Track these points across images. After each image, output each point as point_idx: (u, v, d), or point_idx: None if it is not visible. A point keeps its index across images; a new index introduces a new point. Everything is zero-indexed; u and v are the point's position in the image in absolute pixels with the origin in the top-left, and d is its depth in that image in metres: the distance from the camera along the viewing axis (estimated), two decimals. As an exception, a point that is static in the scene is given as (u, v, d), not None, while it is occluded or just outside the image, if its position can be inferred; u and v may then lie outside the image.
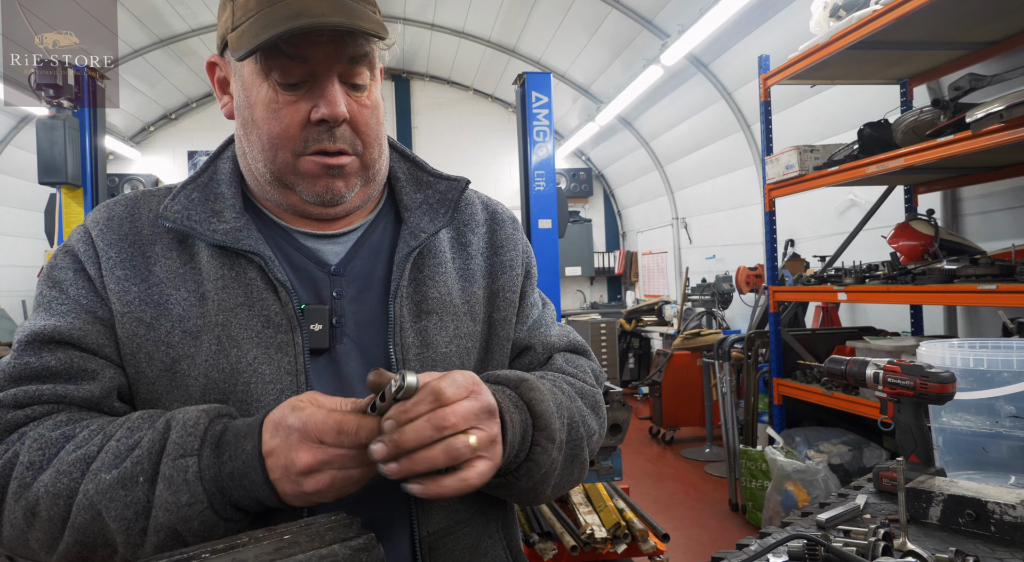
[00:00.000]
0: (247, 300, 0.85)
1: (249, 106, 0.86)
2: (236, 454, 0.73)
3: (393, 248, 0.95)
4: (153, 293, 0.85)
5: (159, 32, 7.51)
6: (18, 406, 0.79)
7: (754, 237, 6.44)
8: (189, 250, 0.88)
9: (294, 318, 0.85)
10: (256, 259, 0.86)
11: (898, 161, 2.88)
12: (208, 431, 0.75)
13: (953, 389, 1.18)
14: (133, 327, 0.84)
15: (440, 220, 0.96)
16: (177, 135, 9.49)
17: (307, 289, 0.89)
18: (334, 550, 0.67)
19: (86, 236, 0.88)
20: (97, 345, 0.83)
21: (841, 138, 4.36)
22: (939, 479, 1.16)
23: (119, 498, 0.72)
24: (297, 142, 0.84)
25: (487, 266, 1.01)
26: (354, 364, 0.88)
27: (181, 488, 0.71)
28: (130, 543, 0.72)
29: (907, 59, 3.63)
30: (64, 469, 0.74)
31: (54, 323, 0.82)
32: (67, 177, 4.13)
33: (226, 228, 0.86)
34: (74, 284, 0.86)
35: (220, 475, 0.73)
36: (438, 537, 0.87)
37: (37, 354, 0.81)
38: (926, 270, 2.96)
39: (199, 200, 0.89)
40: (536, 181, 4.46)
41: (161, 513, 0.71)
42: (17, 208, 7.86)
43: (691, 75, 6.58)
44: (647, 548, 2.74)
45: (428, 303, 0.92)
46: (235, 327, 0.84)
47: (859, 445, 3.70)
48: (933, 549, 0.97)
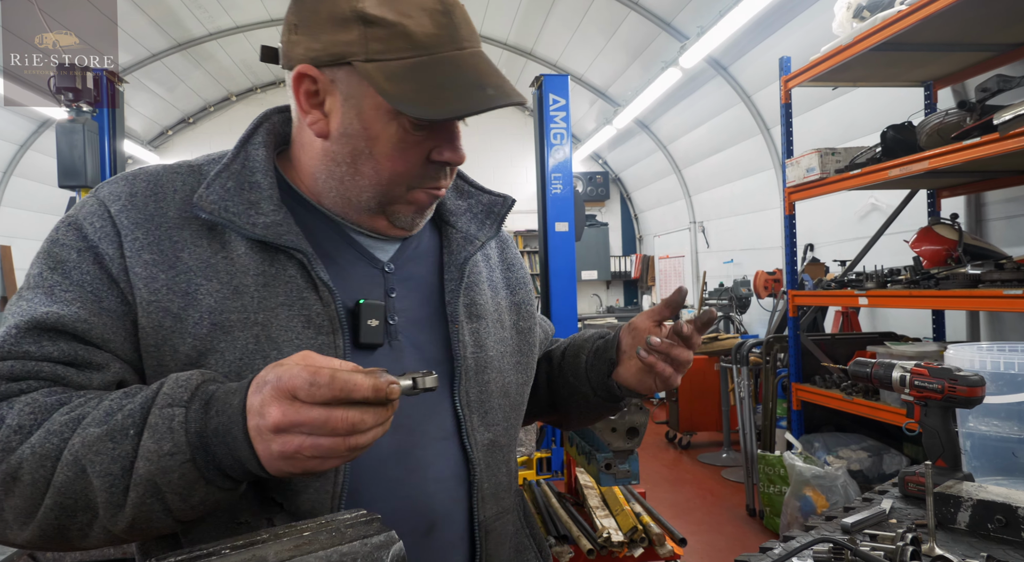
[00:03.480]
0: (287, 299, 0.82)
1: (368, 139, 0.83)
2: (222, 409, 0.68)
3: (437, 251, 0.98)
4: (180, 281, 0.79)
5: (177, 36, 7.59)
6: (13, 379, 0.73)
7: (772, 241, 6.38)
8: (220, 239, 0.83)
9: (336, 319, 0.83)
10: (298, 256, 0.82)
11: (922, 164, 2.84)
12: (200, 388, 0.71)
13: (982, 393, 1.16)
14: (159, 317, 0.78)
15: (488, 231, 1.01)
16: (195, 139, 9.58)
17: (360, 285, 0.89)
18: (354, 547, 0.66)
19: (102, 210, 0.81)
20: (102, 339, 0.77)
21: (863, 142, 4.31)
22: (967, 484, 1.14)
23: (106, 451, 0.67)
24: (414, 178, 0.86)
25: (504, 279, 1.06)
26: (409, 361, 0.89)
27: (164, 436, 0.67)
28: (111, 503, 0.67)
29: (932, 61, 3.58)
30: (55, 429, 0.69)
31: (57, 311, 0.75)
32: (87, 181, 4.18)
33: (266, 222, 0.82)
34: (78, 266, 0.78)
35: (205, 429, 0.68)
36: (491, 522, 0.93)
37: (37, 342, 0.75)
38: (950, 275, 2.91)
39: (234, 190, 0.84)
40: (553, 184, 4.45)
41: (142, 463, 0.66)
42: (38, 212, 7.97)
43: (710, 78, 6.54)
44: (664, 552, 2.71)
45: (476, 308, 0.96)
46: (275, 328, 0.80)
47: (879, 451, 3.65)
48: (962, 555, 0.95)
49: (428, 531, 0.87)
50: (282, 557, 0.64)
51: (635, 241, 10.70)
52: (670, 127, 8.06)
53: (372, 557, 0.67)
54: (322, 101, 0.84)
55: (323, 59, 0.81)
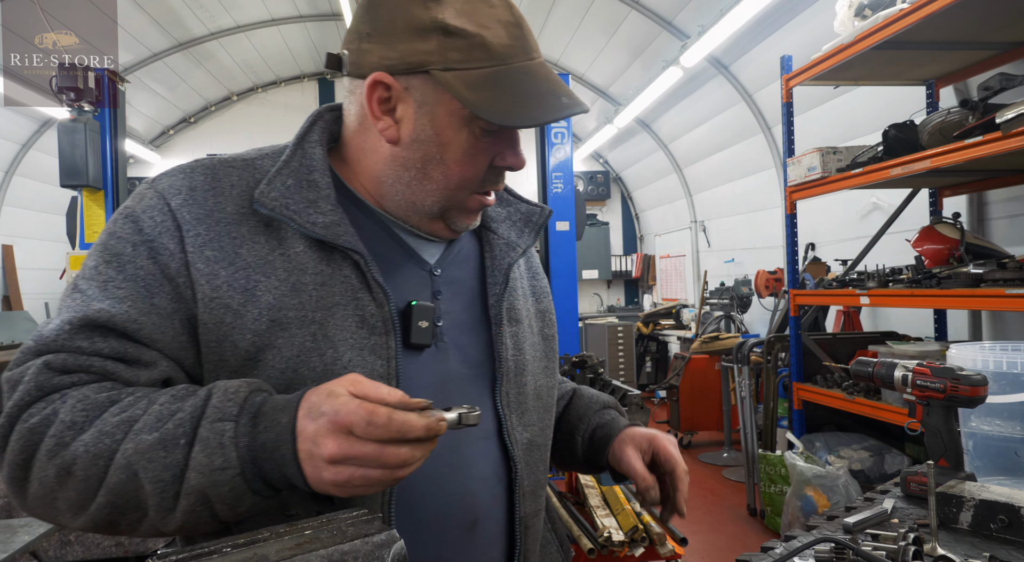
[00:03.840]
0: (343, 299, 0.83)
1: (440, 145, 0.85)
2: (271, 426, 0.71)
3: (478, 256, 1.01)
4: (240, 278, 0.80)
5: (178, 35, 7.59)
6: (66, 371, 0.75)
7: (773, 240, 6.37)
8: (277, 235, 0.83)
9: (389, 320, 0.85)
10: (354, 256, 0.84)
11: (924, 163, 2.83)
12: (248, 400, 0.72)
13: (985, 392, 1.15)
14: (220, 313, 0.79)
15: (527, 239, 1.03)
16: (196, 138, 9.58)
17: (409, 286, 0.91)
18: (355, 546, 0.66)
19: (162, 204, 0.81)
20: (150, 338, 0.78)
21: (864, 141, 4.30)
22: (970, 484, 1.13)
23: (158, 459, 0.70)
24: (477, 183, 0.89)
25: (531, 288, 1.09)
26: (453, 362, 0.92)
27: (215, 451, 0.69)
28: (162, 507, 0.70)
29: (934, 59, 3.58)
30: (107, 430, 0.71)
31: (108, 309, 0.77)
32: (88, 180, 4.19)
33: (324, 221, 0.83)
34: (133, 260, 0.79)
35: (254, 444, 0.70)
36: (529, 519, 0.96)
37: (88, 338, 0.76)
38: (952, 274, 2.91)
39: (295, 187, 0.85)
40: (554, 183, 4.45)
41: (194, 475, 0.69)
42: (40, 211, 7.97)
43: (711, 77, 6.53)
44: (665, 552, 2.71)
45: (515, 312, 1.00)
46: (331, 327, 0.82)
47: (880, 451, 3.65)
48: (965, 554, 0.94)
49: (471, 527, 0.89)
50: (283, 555, 0.64)
51: (636, 240, 10.69)
52: (671, 126, 8.05)
53: (373, 556, 0.67)
54: (393, 108, 0.85)
55: (399, 67, 0.83)
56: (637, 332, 8.40)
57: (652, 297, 10.10)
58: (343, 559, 0.65)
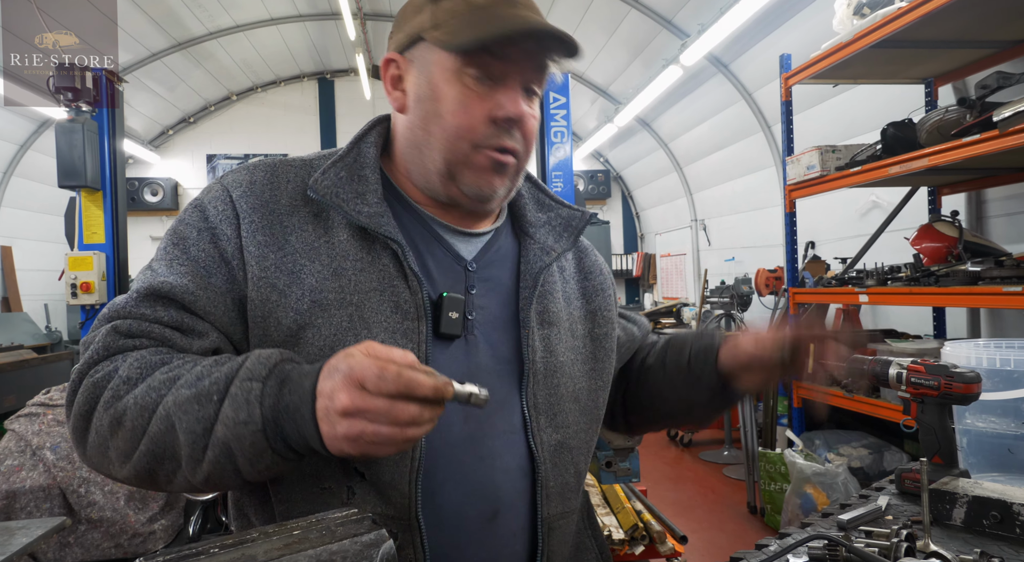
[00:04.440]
0: (380, 285, 0.89)
1: (435, 100, 0.91)
2: (295, 389, 0.76)
3: (515, 257, 1.03)
4: (287, 261, 0.88)
5: (177, 35, 7.58)
6: (130, 335, 0.84)
7: (774, 239, 6.37)
8: (324, 225, 0.91)
9: (422, 307, 0.90)
10: (393, 246, 0.90)
11: (922, 161, 2.83)
12: (278, 366, 0.78)
13: (978, 389, 1.15)
14: (267, 292, 0.87)
15: (564, 243, 1.05)
16: (195, 138, 9.57)
17: (445, 279, 0.95)
18: (344, 546, 0.66)
19: (225, 195, 0.91)
20: (204, 311, 0.87)
21: (863, 139, 4.30)
22: (963, 480, 1.13)
23: (192, 412, 0.76)
24: (478, 135, 0.91)
25: (580, 289, 1.10)
26: (483, 356, 0.94)
27: (241, 406, 0.75)
28: (192, 457, 0.76)
29: (932, 58, 3.57)
30: (155, 386, 0.79)
31: (171, 281, 0.86)
32: (86, 180, 4.18)
33: (369, 211, 0.90)
34: (196, 243, 0.89)
35: (278, 405, 0.76)
36: (555, 519, 0.97)
37: (152, 306, 0.86)
38: (950, 272, 2.90)
39: (346, 179, 0.93)
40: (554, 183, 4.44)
41: (220, 428, 0.75)
42: (38, 212, 7.97)
43: (711, 75, 6.53)
44: (665, 550, 2.71)
45: (549, 315, 1.01)
46: (367, 309, 0.88)
47: (879, 448, 3.65)
48: (957, 550, 0.94)
49: (492, 517, 0.91)
50: (271, 556, 0.64)
51: (636, 239, 10.68)
52: (671, 125, 8.04)
53: (362, 555, 0.67)
54: (402, 80, 0.96)
55: (404, 43, 0.95)
56: (637, 331, 8.39)
57: (653, 296, 10.09)
58: (331, 559, 0.65)
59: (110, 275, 4.36)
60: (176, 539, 2.98)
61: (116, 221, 4.39)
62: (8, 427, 2.96)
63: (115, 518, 2.80)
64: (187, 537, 3.00)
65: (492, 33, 0.86)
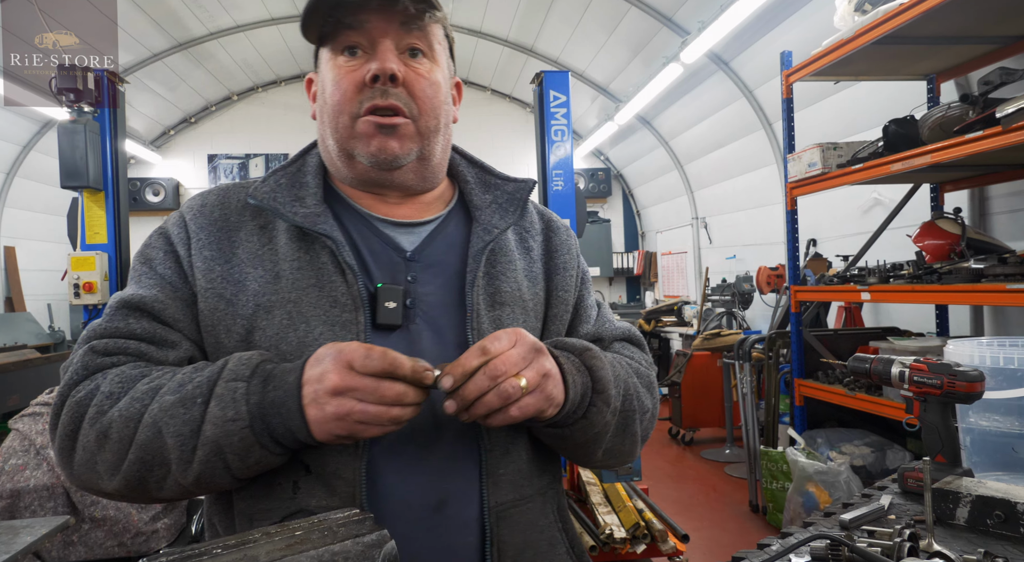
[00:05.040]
0: (318, 281, 0.92)
1: (323, 90, 0.97)
2: (279, 385, 0.80)
3: (466, 243, 1.02)
4: (234, 272, 0.93)
5: (178, 36, 7.58)
6: (107, 354, 0.89)
7: (775, 237, 6.36)
8: (269, 233, 0.96)
9: (358, 299, 0.92)
10: (329, 243, 0.92)
11: (924, 158, 2.83)
12: (260, 366, 0.83)
13: (982, 388, 1.15)
14: (214, 301, 0.92)
15: (510, 218, 1.04)
16: (197, 138, 9.58)
17: (384, 271, 0.97)
18: (346, 546, 0.66)
19: (181, 220, 0.98)
20: (174, 319, 0.92)
21: (865, 136, 4.29)
22: (967, 480, 1.13)
23: (178, 416, 0.80)
24: (353, 104, 0.93)
25: (545, 269, 1.09)
26: (427, 343, 0.95)
27: (228, 405, 0.79)
28: (182, 460, 0.80)
29: (934, 54, 3.56)
30: (138, 396, 0.83)
31: (140, 293, 0.92)
32: (89, 181, 4.18)
33: (306, 212, 0.94)
34: (163, 262, 0.95)
35: (263, 402, 0.80)
36: (505, 508, 0.94)
37: (124, 319, 0.91)
38: (953, 269, 2.90)
39: (286, 185, 0.98)
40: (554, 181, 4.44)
41: (209, 427, 0.79)
42: (41, 213, 7.98)
43: (711, 73, 6.52)
44: (667, 548, 2.71)
45: (501, 296, 1.00)
46: (305, 305, 0.91)
47: (882, 447, 3.64)
48: (960, 550, 0.94)
49: (438, 507, 0.90)
50: (274, 556, 0.64)
51: (637, 237, 10.68)
52: (672, 123, 8.04)
53: (364, 556, 0.67)
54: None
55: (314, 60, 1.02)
56: (639, 329, 8.39)
57: (654, 294, 10.09)
58: (333, 559, 0.65)
59: (112, 275, 4.37)
60: (179, 538, 2.99)
61: (118, 221, 4.39)
62: (12, 426, 2.97)
63: (118, 517, 2.81)
64: (189, 536, 3.00)
65: (312, 5, 0.90)
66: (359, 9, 0.90)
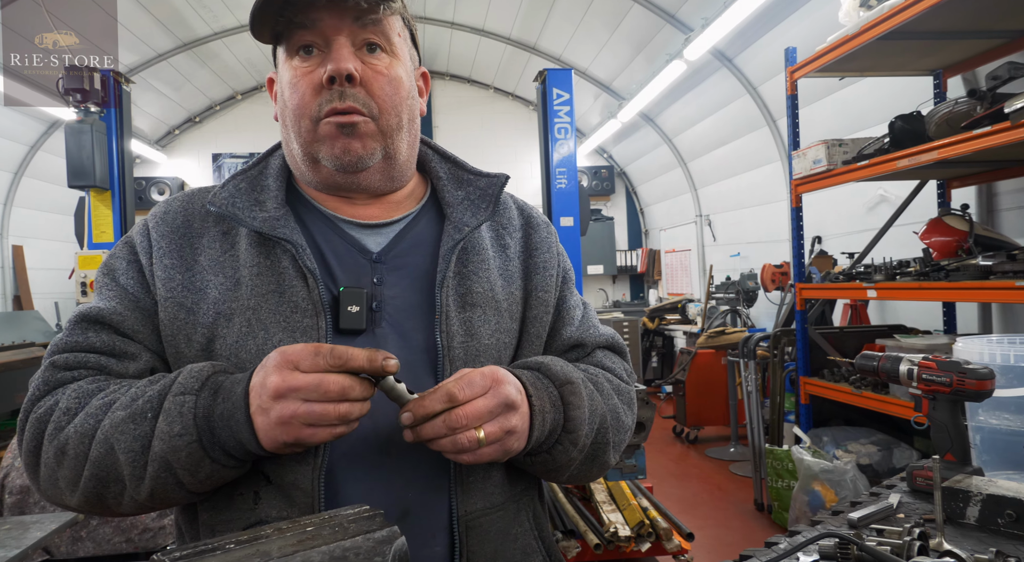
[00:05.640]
0: (278, 287, 0.89)
1: (281, 92, 0.94)
2: (227, 397, 0.78)
3: (437, 242, 0.98)
4: (196, 280, 0.91)
5: (182, 36, 7.60)
6: (67, 368, 0.88)
7: (780, 234, 6.35)
8: (231, 240, 0.93)
9: (319, 304, 0.89)
10: (289, 247, 0.90)
11: (931, 154, 2.81)
12: (210, 378, 0.81)
13: (992, 386, 1.14)
14: (174, 311, 0.89)
15: (482, 214, 1.00)
16: (201, 138, 9.60)
17: (348, 274, 0.93)
18: (357, 542, 0.66)
19: (144, 229, 0.96)
20: (133, 331, 0.90)
21: (870, 132, 4.27)
22: (977, 478, 1.12)
23: (129, 431, 0.78)
24: (312, 107, 0.89)
25: (523, 268, 1.05)
26: (392, 347, 0.91)
27: (175, 419, 0.77)
28: (134, 476, 0.78)
29: (941, 49, 3.54)
30: (92, 412, 0.81)
31: (100, 306, 0.90)
32: (95, 180, 4.20)
33: (265, 216, 0.91)
34: (125, 273, 0.93)
35: (212, 415, 0.78)
36: (474, 517, 0.91)
37: (83, 333, 0.89)
38: (960, 266, 2.88)
39: (246, 190, 0.95)
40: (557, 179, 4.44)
41: (157, 443, 0.77)
42: (48, 212, 8.02)
43: (715, 70, 6.50)
44: (671, 547, 2.71)
45: (472, 296, 0.96)
46: (264, 312, 0.88)
47: (889, 445, 3.63)
48: (971, 550, 0.93)
49: (402, 517, 0.87)
50: (285, 552, 0.64)
51: (641, 235, 10.66)
52: (675, 120, 8.02)
53: (375, 552, 0.67)
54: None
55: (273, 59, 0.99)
56: (643, 327, 8.38)
57: (658, 292, 10.07)
58: (344, 556, 0.65)
59: (118, 274, 4.38)
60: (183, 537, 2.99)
61: (124, 220, 4.41)
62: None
63: (125, 515, 2.82)
64: (196, 534, 3.01)
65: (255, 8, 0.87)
66: (309, 7, 0.86)
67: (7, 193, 7.49)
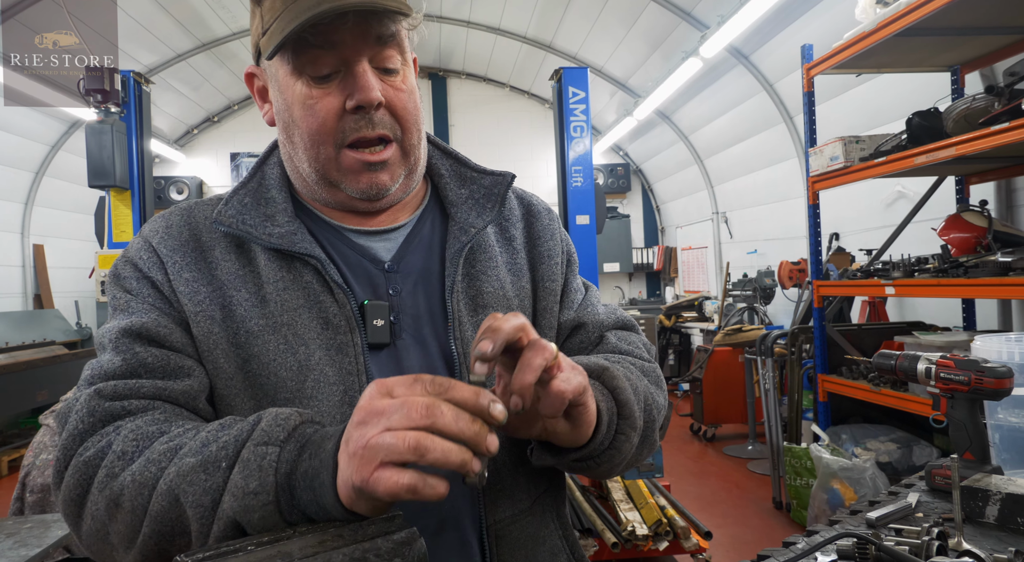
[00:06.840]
0: (306, 302, 0.86)
1: (287, 108, 0.86)
2: (315, 453, 0.66)
3: (443, 244, 0.95)
4: (218, 295, 0.86)
5: (201, 36, 7.69)
6: (117, 398, 0.78)
7: (797, 231, 6.30)
8: (247, 254, 0.89)
9: (352, 319, 0.86)
10: (312, 261, 0.86)
11: (949, 151, 2.79)
12: (298, 429, 0.70)
13: (1011, 384, 1.13)
14: (207, 325, 0.85)
15: (488, 215, 0.97)
16: (220, 137, 9.70)
17: (364, 286, 0.90)
18: (376, 544, 0.67)
19: (145, 245, 0.89)
20: (181, 344, 0.84)
21: (887, 129, 4.23)
22: (996, 477, 1.12)
23: (199, 482, 0.67)
24: (336, 134, 0.84)
25: (529, 259, 1.02)
26: (414, 359, 0.89)
27: (253, 473, 0.66)
28: (201, 534, 0.67)
29: (958, 45, 3.51)
30: (154, 458, 0.71)
31: (138, 320, 0.83)
32: (115, 180, 4.27)
33: (280, 232, 0.87)
34: (140, 291, 0.87)
35: (295, 472, 0.66)
36: (504, 525, 0.89)
37: (131, 349, 0.81)
38: (979, 262, 2.85)
39: (251, 205, 0.90)
40: (573, 177, 4.44)
41: (228, 498, 0.66)
42: (69, 211, 8.14)
43: (731, 67, 6.47)
44: (689, 546, 2.71)
45: (483, 297, 0.94)
46: (300, 327, 0.84)
47: (908, 443, 3.60)
48: (991, 549, 0.93)
49: (439, 529, 0.85)
50: (307, 553, 0.65)
51: (657, 232, 10.63)
52: (691, 117, 7.98)
53: (395, 553, 0.68)
54: (268, 93, 0.91)
55: (255, 54, 0.90)
56: (659, 325, 8.36)
57: (674, 289, 10.04)
58: (365, 557, 0.66)
59: (138, 274, 4.45)
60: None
61: (144, 219, 4.48)
62: (43, 422, 3.03)
63: (147, 513, 2.86)
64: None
65: (295, 26, 0.78)
66: (333, 29, 0.80)
67: (28, 193, 7.62)
